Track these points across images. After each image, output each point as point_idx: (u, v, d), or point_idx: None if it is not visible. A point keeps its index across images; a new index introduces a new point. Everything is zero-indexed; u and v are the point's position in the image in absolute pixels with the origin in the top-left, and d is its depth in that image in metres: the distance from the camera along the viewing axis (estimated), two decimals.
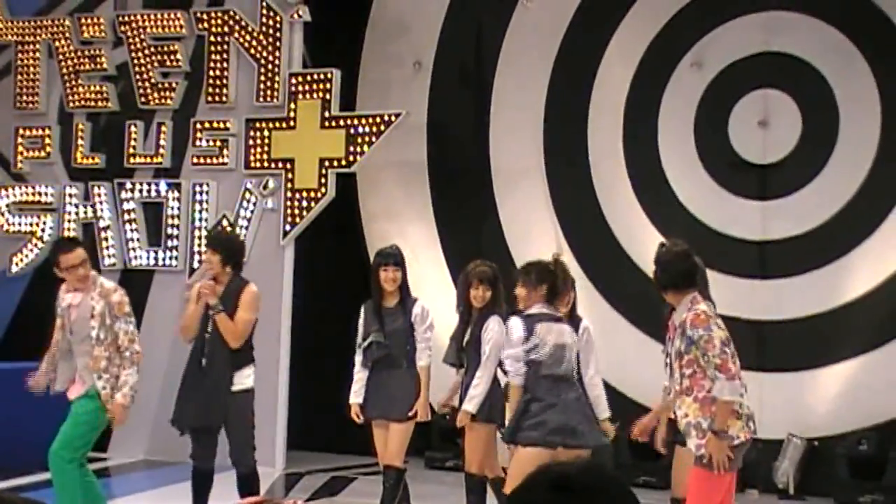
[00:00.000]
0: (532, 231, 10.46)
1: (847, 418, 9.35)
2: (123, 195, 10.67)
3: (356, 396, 6.97)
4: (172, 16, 10.63)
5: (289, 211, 10.15)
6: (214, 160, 10.44)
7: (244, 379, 6.84)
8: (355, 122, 10.10)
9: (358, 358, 7.00)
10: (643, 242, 9.91)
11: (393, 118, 10.03)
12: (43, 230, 10.90)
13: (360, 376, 6.98)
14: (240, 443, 6.83)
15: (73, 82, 10.95)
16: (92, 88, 10.92)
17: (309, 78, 10.23)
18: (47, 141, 11.03)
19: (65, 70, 10.97)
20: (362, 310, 7.03)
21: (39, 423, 6.98)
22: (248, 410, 6.85)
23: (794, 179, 9.73)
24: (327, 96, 10.13)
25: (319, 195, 10.09)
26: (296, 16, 10.26)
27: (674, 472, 6.30)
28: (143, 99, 10.70)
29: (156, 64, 10.67)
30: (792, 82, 9.74)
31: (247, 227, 10.18)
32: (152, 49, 10.67)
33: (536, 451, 5.95)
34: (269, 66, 10.30)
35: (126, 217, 10.64)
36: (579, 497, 1.66)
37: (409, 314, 6.91)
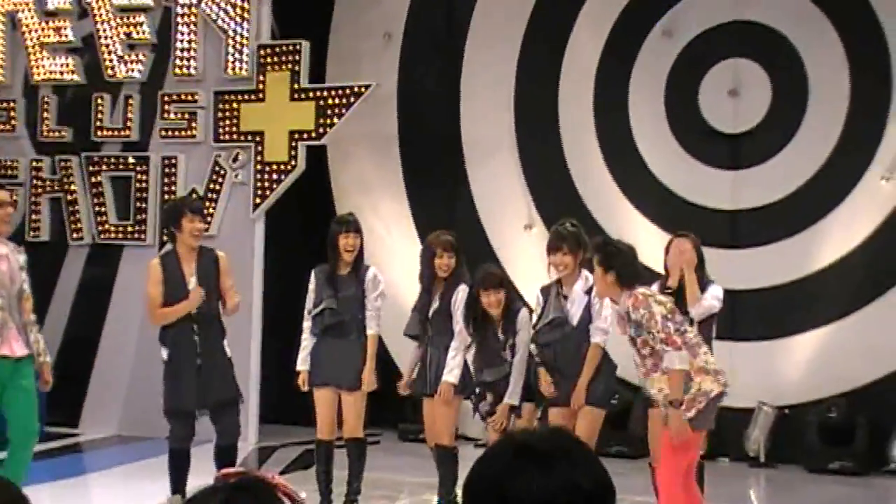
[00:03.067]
0: (504, 203, 10.44)
1: (817, 386, 9.42)
2: (91, 169, 10.56)
3: (304, 364, 6.95)
4: None
5: (259, 184, 10.08)
6: (183, 133, 10.35)
7: (227, 349, 6.93)
8: (325, 94, 10.02)
9: (306, 324, 6.97)
10: (615, 213, 9.92)
11: (363, 90, 9.96)
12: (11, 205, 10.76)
13: (307, 343, 6.96)
14: (234, 413, 6.86)
15: (38, 54, 10.80)
16: (57, 61, 10.78)
17: (278, 50, 10.14)
18: (13, 114, 10.89)
19: (29, 42, 10.82)
20: (313, 276, 6.98)
21: None
22: None
23: (764, 148, 9.75)
24: (296, 68, 10.05)
25: (290, 168, 10.02)
26: None
27: (650, 438, 6.35)
28: (109, 71, 10.58)
29: (122, 35, 10.54)
30: (762, 51, 9.74)
31: (216, 201, 10.10)
32: (118, 20, 10.53)
33: None
34: (238, 38, 10.19)
35: (94, 191, 10.54)
36: (542, 462, 1.66)
37: (362, 282, 6.88)
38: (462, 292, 6.79)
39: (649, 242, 9.64)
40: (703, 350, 5.76)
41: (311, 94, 10.02)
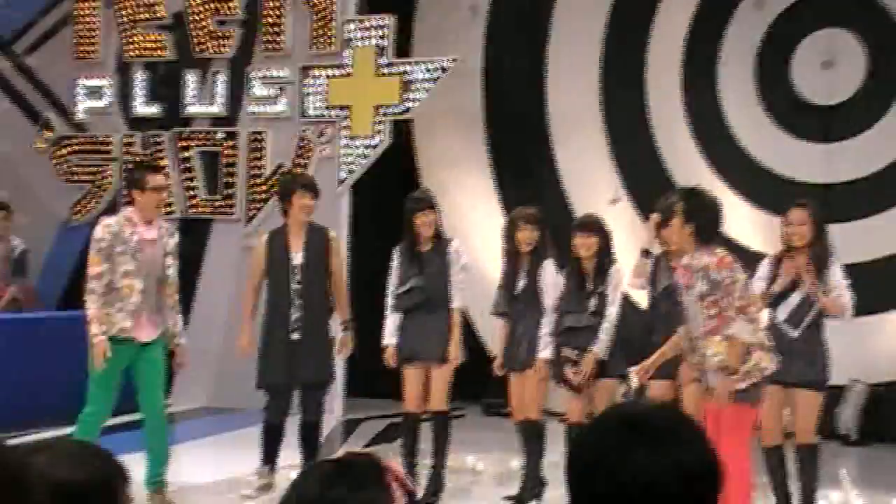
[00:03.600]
0: (590, 178, 10.36)
1: None
2: (181, 144, 10.72)
3: (391, 338, 6.98)
4: None
5: (345, 159, 10.14)
6: (271, 108, 10.44)
7: (330, 328, 7.00)
8: (411, 68, 10.02)
9: (390, 301, 7.00)
10: (702, 187, 9.76)
11: (449, 64, 9.95)
12: (103, 180, 11.01)
13: (393, 318, 6.99)
14: (321, 394, 6.96)
15: (131, 32, 10.98)
16: (149, 37, 10.95)
17: (364, 24, 10.17)
18: (106, 91, 11.10)
19: (122, 19, 11.00)
20: (395, 254, 7.01)
21: None
22: None
23: (858, 121, 9.52)
24: (383, 43, 10.07)
25: (376, 142, 10.06)
26: None
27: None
28: (199, 48, 10.72)
29: (212, 12, 10.66)
30: (857, 21, 9.49)
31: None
32: None
33: None
34: (325, 13, 10.24)
35: (184, 166, 10.70)
36: (648, 436, 1.64)
37: (445, 255, 6.89)
38: (549, 268, 6.76)
39: (738, 217, 9.50)
40: (761, 325, 5.75)
41: (397, 69, 10.03)
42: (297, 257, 6.87)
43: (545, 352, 6.70)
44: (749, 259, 7.69)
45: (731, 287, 5.47)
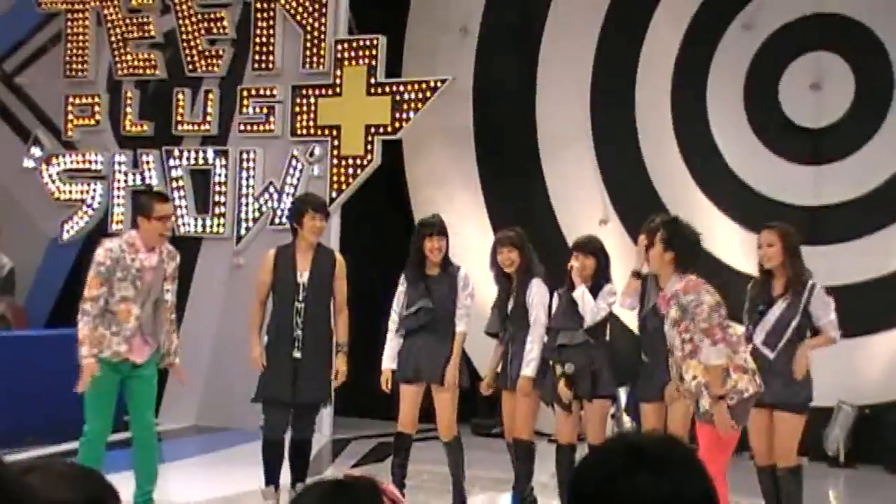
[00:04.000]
0: (579, 197, 10.39)
1: None
2: (171, 162, 10.73)
3: (390, 362, 6.98)
4: None
5: (335, 178, 10.15)
6: (261, 127, 10.46)
7: (331, 350, 7.00)
8: (401, 88, 10.06)
9: (392, 325, 7.01)
10: (692, 209, 9.79)
11: (439, 84, 9.98)
12: (93, 198, 11.00)
13: (394, 343, 7.00)
14: (314, 413, 6.97)
15: (122, 50, 11.00)
16: (140, 56, 10.97)
17: (355, 44, 10.20)
18: (97, 109, 11.11)
19: (113, 38, 11.02)
20: (402, 278, 7.04)
21: None
22: None
23: (847, 143, 9.57)
24: (373, 62, 10.10)
25: (365, 162, 10.08)
26: None
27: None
28: (190, 66, 10.74)
29: (203, 31, 10.69)
30: (845, 44, 9.55)
31: (293, 195, 10.19)
32: (199, 16, 10.68)
33: None
34: (315, 33, 10.27)
35: (174, 184, 10.70)
36: (651, 464, 1.67)
37: (453, 279, 6.91)
38: (536, 286, 6.81)
39: (727, 239, 9.54)
40: (744, 349, 5.77)
41: (387, 89, 10.06)
42: (304, 276, 6.88)
43: (527, 369, 6.74)
44: (737, 280, 7.74)
45: (696, 310, 5.54)
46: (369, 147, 10.06)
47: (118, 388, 6.52)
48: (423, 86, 9.99)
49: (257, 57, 10.49)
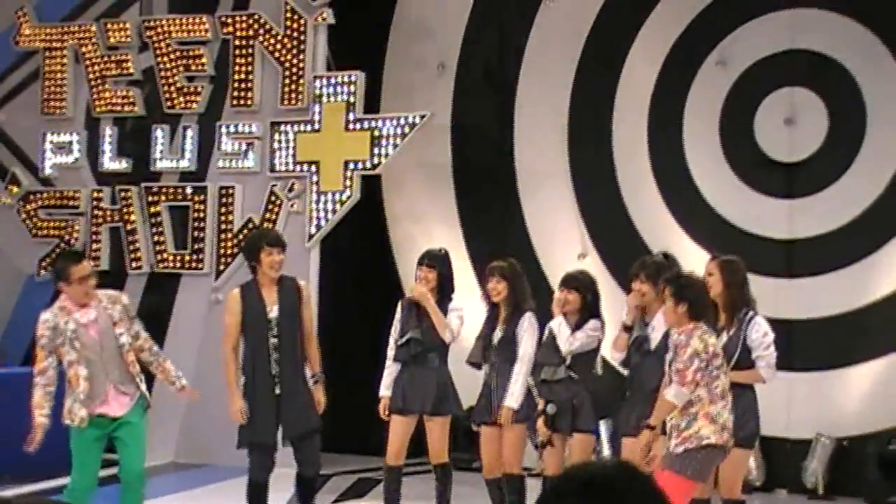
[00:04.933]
0: (557, 232, 10.44)
1: (876, 417, 9.28)
2: (150, 199, 10.72)
3: (386, 390, 6.99)
4: (198, 20, 10.68)
5: (314, 213, 10.17)
6: (240, 163, 10.48)
7: (308, 378, 6.96)
8: (380, 124, 10.11)
9: (391, 352, 7.03)
10: (669, 243, 9.86)
11: (417, 120, 10.04)
12: (71, 235, 10.98)
13: (391, 370, 7.01)
14: (315, 443, 6.87)
15: (100, 87, 11.01)
16: (118, 93, 10.98)
17: (333, 80, 10.25)
18: (75, 146, 11.10)
19: (91, 75, 11.03)
20: (399, 306, 7.08)
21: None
22: None
23: (820, 177, 9.66)
24: (351, 99, 10.15)
25: (345, 197, 10.11)
26: (320, 19, 10.28)
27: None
28: (168, 103, 10.76)
29: (181, 68, 10.72)
30: (818, 80, 9.67)
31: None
32: (178, 53, 10.72)
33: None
34: (294, 70, 10.32)
35: (153, 221, 10.69)
36: (608, 498, 1.66)
37: (444, 312, 6.96)
38: (528, 320, 6.82)
39: (702, 271, 9.59)
40: (724, 404, 5.68)
41: (366, 125, 10.11)
42: (274, 311, 6.84)
43: (511, 400, 6.74)
44: (714, 311, 7.74)
45: (680, 350, 5.62)
46: (348, 182, 10.10)
47: (103, 443, 6.45)
48: (402, 122, 10.05)
49: (236, 93, 10.53)
